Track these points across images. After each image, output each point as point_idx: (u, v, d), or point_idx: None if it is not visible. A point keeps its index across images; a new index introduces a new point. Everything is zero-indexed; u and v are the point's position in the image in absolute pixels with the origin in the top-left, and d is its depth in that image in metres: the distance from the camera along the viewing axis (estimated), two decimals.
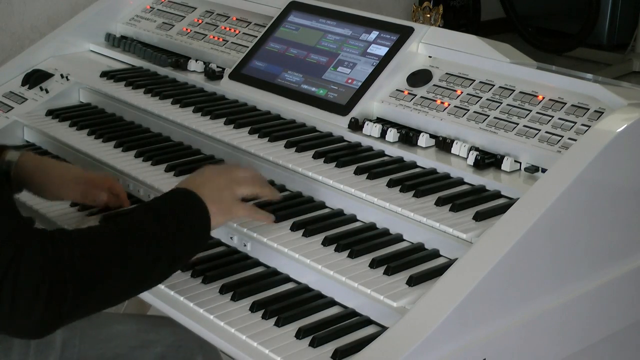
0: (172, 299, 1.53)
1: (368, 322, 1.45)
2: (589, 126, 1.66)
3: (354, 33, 2.10)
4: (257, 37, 2.28)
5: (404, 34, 2.02)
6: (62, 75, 2.38)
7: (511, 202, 1.58)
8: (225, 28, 2.42)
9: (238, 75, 2.20)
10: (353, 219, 1.69)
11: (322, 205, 1.74)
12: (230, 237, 1.68)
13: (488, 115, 1.80)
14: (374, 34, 2.06)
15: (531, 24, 6.07)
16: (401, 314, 1.36)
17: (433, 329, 1.29)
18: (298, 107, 2.03)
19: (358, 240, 1.59)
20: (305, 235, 1.61)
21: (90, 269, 1.31)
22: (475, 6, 5.77)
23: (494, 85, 1.86)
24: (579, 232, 1.52)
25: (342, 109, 1.96)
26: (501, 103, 1.81)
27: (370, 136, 1.89)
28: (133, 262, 1.37)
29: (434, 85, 1.93)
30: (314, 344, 1.38)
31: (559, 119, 1.72)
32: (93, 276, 1.32)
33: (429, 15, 2.18)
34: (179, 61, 2.35)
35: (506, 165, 1.70)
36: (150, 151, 1.97)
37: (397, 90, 1.96)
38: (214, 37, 2.41)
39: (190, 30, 2.47)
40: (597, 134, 1.55)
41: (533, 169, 1.69)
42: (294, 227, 1.63)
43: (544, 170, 1.67)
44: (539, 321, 1.47)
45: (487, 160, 1.73)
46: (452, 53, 1.96)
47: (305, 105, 2.03)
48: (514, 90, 1.82)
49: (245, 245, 1.66)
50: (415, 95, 1.93)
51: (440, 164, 1.76)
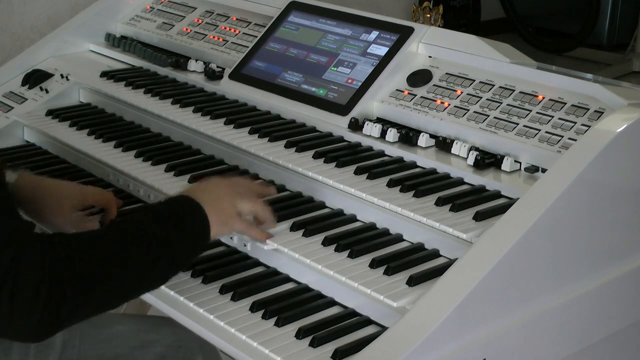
0: (172, 299, 1.53)
1: (368, 322, 1.45)
2: (589, 126, 1.66)
3: (354, 33, 2.10)
4: (257, 37, 2.27)
5: (404, 34, 2.02)
6: (62, 75, 2.38)
7: (511, 202, 1.58)
8: (225, 28, 2.42)
9: (238, 75, 2.20)
10: (353, 219, 1.69)
11: (322, 205, 1.74)
12: (230, 237, 1.68)
13: (488, 115, 1.80)
14: (374, 34, 2.06)
15: (531, 24, 6.07)
16: (401, 314, 1.36)
17: (433, 329, 1.29)
18: (298, 107, 2.03)
19: (358, 240, 1.59)
20: (305, 235, 1.61)
21: (89, 272, 1.31)
22: (475, 6, 5.77)
23: (494, 85, 1.86)
24: (579, 232, 1.52)
25: (342, 109, 1.96)
26: (501, 103, 1.81)
27: (370, 136, 1.89)
28: (132, 265, 1.37)
29: (434, 85, 1.93)
30: (314, 344, 1.38)
31: (559, 119, 1.72)
32: (92, 279, 1.31)
33: (429, 15, 2.18)
34: (179, 61, 2.35)
35: (506, 165, 1.70)
36: (150, 151, 1.97)
37: (397, 90, 1.96)
38: (214, 37, 2.40)
39: (190, 30, 2.47)
40: (597, 134, 1.55)
41: (533, 169, 1.69)
42: (294, 227, 1.63)
43: (544, 170, 1.67)
44: (539, 321, 1.47)
45: (487, 160, 1.73)
46: (452, 53, 1.96)
47: (305, 105, 2.02)
48: (514, 90, 1.82)
49: (245, 245, 1.66)
50: (415, 95, 1.93)
51: (440, 164, 1.76)
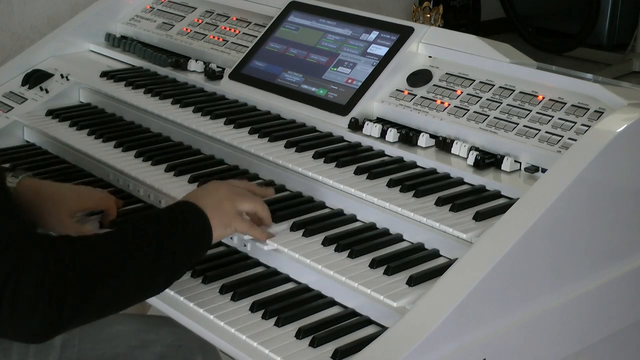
0: (172, 299, 1.53)
1: (368, 322, 1.45)
2: (589, 126, 1.66)
3: (354, 33, 2.10)
4: (257, 37, 2.27)
5: (404, 34, 2.02)
6: (62, 75, 2.38)
7: (511, 202, 1.58)
8: (225, 28, 2.42)
9: (238, 75, 2.20)
10: (353, 219, 1.69)
11: (322, 205, 1.74)
12: (230, 237, 1.67)
13: (488, 115, 1.80)
14: (374, 34, 2.06)
15: (531, 24, 6.07)
16: (401, 314, 1.36)
17: (433, 329, 1.29)
18: (298, 107, 2.03)
19: (358, 240, 1.59)
20: (305, 235, 1.61)
21: (92, 275, 1.32)
22: (475, 6, 5.77)
23: (494, 85, 1.86)
24: (579, 232, 1.52)
25: (342, 109, 1.96)
26: (501, 103, 1.81)
27: (370, 136, 1.89)
28: (135, 270, 1.38)
29: (434, 85, 1.93)
30: (314, 344, 1.38)
31: (559, 119, 1.72)
32: (95, 282, 1.32)
33: (429, 15, 2.18)
34: (179, 61, 2.35)
35: (506, 165, 1.70)
36: (150, 151, 1.97)
37: (397, 90, 1.96)
38: (214, 37, 2.40)
39: (190, 30, 2.47)
40: (597, 134, 1.55)
41: (533, 169, 1.69)
42: (294, 227, 1.63)
43: (544, 170, 1.67)
44: (539, 321, 1.47)
45: (487, 160, 1.73)
46: (452, 53, 1.96)
47: (305, 105, 2.02)
48: (514, 90, 1.82)
49: (245, 245, 1.66)
50: (415, 95, 1.93)
51: (440, 164, 1.76)
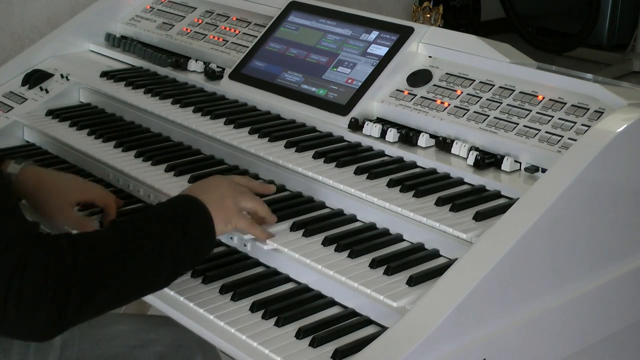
0: (172, 299, 1.53)
1: (368, 322, 1.45)
2: (589, 126, 1.66)
3: (354, 33, 2.10)
4: (257, 37, 2.27)
5: (404, 34, 2.02)
6: (62, 75, 2.38)
7: (511, 202, 1.58)
8: (225, 28, 2.42)
9: (238, 75, 2.20)
10: (353, 219, 1.69)
11: (322, 205, 1.74)
12: (230, 237, 1.68)
13: (488, 115, 1.80)
14: (374, 34, 2.06)
15: (531, 24, 6.07)
16: (401, 314, 1.36)
17: (433, 329, 1.29)
18: (298, 107, 2.03)
19: (358, 240, 1.59)
20: (305, 235, 1.61)
21: (94, 272, 1.32)
22: (475, 6, 5.77)
23: (494, 85, 1.86)
24: (579, 232, 1.52)
25: (342, 109, 1.96)
26: (501, 103, 1.81)
27: (370, 136, 1.89)
28: (137, 266, 1.38)
29: (434, 85, 1.93)
30: (314, 344, 1.38)
31: (559, 119, 1.72)
32: (98, 280, 1.32)
33: (429, 15, 2.18)
34: (179, 61, 2.35)
35: (506, 165, 1.70)
36: (150, 151, 1.97)
37: (397, 90, 1.96)
38: (214, 37, 2.40)
39: (190, 30, 2.47)
40: (597, 134, 1.55)
41: (533, 169, 1.69)
42: (294, 227, 1.63)
43: (544, 170, 1.67)
44: (539, 321, 1.47)
45: (487, 160, 1.73)
46: (452, 53, 1.96)
47: (305, 105, 2.02)
48: (514, 90, 1.82)
49: (245, 245, 1.66)
50: (415, 95, 1.93)
51: (440, 164, 1.76)
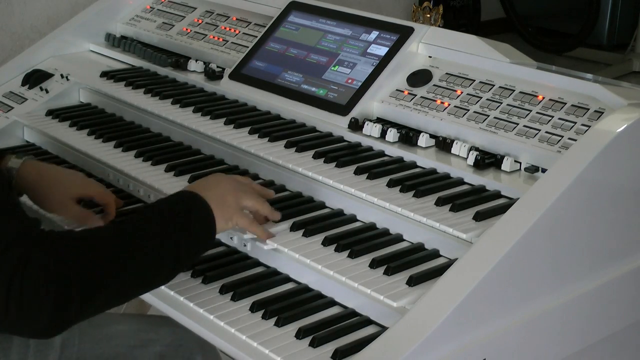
0: (172, 299, 1.53)
1: (368, 322, 1.45)
2: (589, 126, 1.66)
3: (354, 33, 2.10)
4: (257, 37, 2.27)
5: (404, 34, 2.02)
6: (62, 75, 2.38)
7: (511, 202, 1.58)
8: (225, 28, 2.42)
9: (238, 75, 2.20)
10: (353, 219, 1.69)
11: (322, 205, 1.74)
12: (230, 237, 1.68)
13: (488, 115, 1.80)
14: (374, 34, 2.06)
15: (531, 24, 6.07)
16: (401, 314, 1.36)
17: (433, 329, 1.29)
18: (298, 107, 2.03)
19: (358, 240, 1.59)
20: (305, 235, 1.61)
21: (96, 269, 1.32)
22: (475, 6, 5.76)
23: (494, 85, 1.86)
24: (579, 232, 1.52)
25: (342, 109, 1.96)
26: (501, 103, 1.81)
27: (370, 136, 1.89)
28: (137, 263, 1.38)
29: (434, 85, 1.93)
30: (314, 344, 1.38)
31: (559, 119, 1.72)
32: (100, 276, 1.33)
33: (429, 15, 2.18)
34: (179, 61, 2.35)
35: (506, 165, 1.70)
36: (150, 151, 1.97)
37: (397, 90, 1.96)
38: (214, 37, 2.40)
39: (190, 30, 2.47)
40: (597, 134, 1.55)
41: (533, 169, 1.69)
42: (294, 227, 1.63)
43: (544, 170, 1.67)
44: (539, 321, 1.47)
45: (487, 160, 1.73)
46: (452, 53, 1.96)
47: (305, 105, 2.02)
48: (514, 90, 1.82)
49: (245, 245, 1.66)
50: (415, 95, 1.93)
51: (440, 164, 1.76)
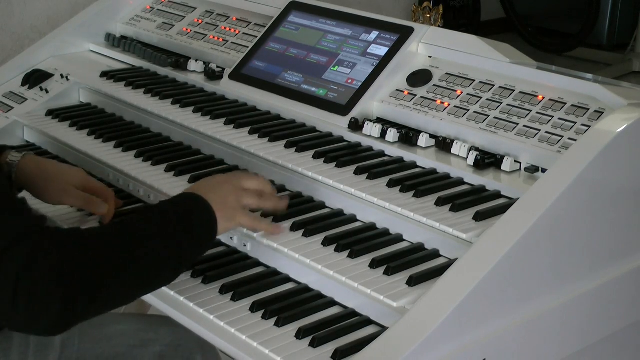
0: (172, 299, 1.53)
1: (368, 322, 1.45)
2: (589, 126, 1.66)
3: (354, 33, 2.10)
4: (257, 37, 2.27)
5: (404, 34, 2.02)
6: (62, 75, 2.38)
7: (511, 202, 1.58)
8: (225, 28, 2.42)
9: (238, 75, 2.20)
10: (353, 219, 1.69)
11: (322, 206, 1.74)
12: (230, 237, 1.68)
13: (488, 115, 1.80)
14: (374, 34, 2.06)
15: (531, 24, 6.07)
16: (401, 314, 1.36)
17: (433, 329, 1.29)
18: (298, 107, 2.03)
19: (358, 240, 1.59)
20: (305, 235, 1.61)
21: (103, 267, 1.33)
22: (475, 6, 5.76)
23: (494, 85, 1.86)
24: (579, 232, 1.52)
25: (342, 109, 1.96)
26: (501, 103, 1.81)
27: (370, 136, 1.89)
28: (142, 261, 1.39)
29: (434, 85, 1.93)
30: (314, 344, 1.38)
31: (559, 119, 1.72)
32: (106, 274, 1.33)
33: (429, 16, 2.18)
34: (179, 61, 2.35)
35: (506, 165, 1.70)
36: (150, 151, 1.97)
37: (397, 90, 1.96)
38: (214, 37, 2.40)
39: (190, 30, 2.47)
40: (597, 134, 1.55)
41: (533, 169, 1.69)
42: (294, 227, 1.63)
43: (544, 170, 1.67)
44: (539, 321, 1.47)
45: (487, 160, 1.73)
46: (452, 53, 1.96)
47: (305, 105, 2.02)
48: (514, 90, 1.82)
49: (245, 245, 1.66)
50: (415, 95, 1.93)
51: (440, 164, 1.76)
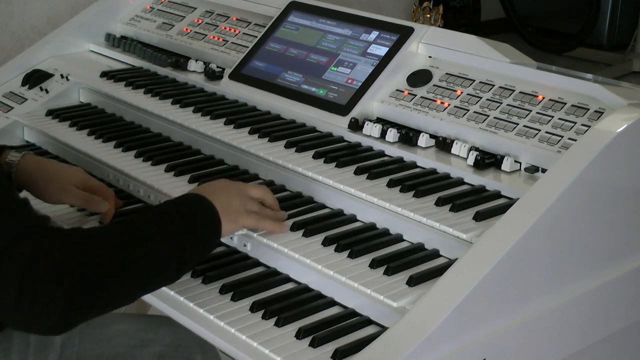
0: (172, 299, 1.53)
1: (368, 322, 1.45)
2: (589, 126, 1.66)
3: (354, 33, 2.10)
4: (257, 37, 2.27)
5: (404, 34, 2.02)
6: (62, 75, 2.38)
7: (511, 202, 1.58)
8: (225, 28, 2.42)
9: (238, 75, 2.20)
10: (353, 219, 1.69)
11: (322, 206, 1.74)
12: (231, 237, 1.67)
13: (488, 115, 1.80)
14: (374, 34, 2.06)
15: (531, 24, 6.07)
16: (401, 314, 1.36)
17: (433, 329, 1.29)
18: (298, 107, 2.03)
19: (358, 240, 1.59)
20: (305, 235, 1.61)
21: (107, 266, 1.33)
22: (475, 6, 5.76)
23: (494, 86, 1.86)
24: (579, 232, 1.52)
25: (342, 109, 1.96)
26: (501, 103, 1.81)
27: (370, 136, 1.89)
28: (145, 260, 1.39)
29: (434, 85, 1.93)
30: (314, 344, 1.38)
31: (559, 119, 1.72)
32: (110, 273, 1.33)
33: (429, 16, 2.18)
34: (179, 61, 2.35)
35: (506, 165, 1.70)
36: (150, 151, 1.97)
37: (397, 90, 1.96)
38: (214, 37, 2.40)
39: (190, 30, 2.47)
40: (597, 134, 1.55)
41: (533, 169, 1.69)
42: (294, 227, 1.63)
43: (544, 170, 1.67)
44: (539, 321, 1.47)
45: (487, 160, 1.73)
46: (452, 53, 1.96)
47: (305, 105, 2.02)
48: (514, 90, 1.82)
49: (245, 245, 1.66)
50: (415, 95, 1.93)
51: (440, 164, 1.76)
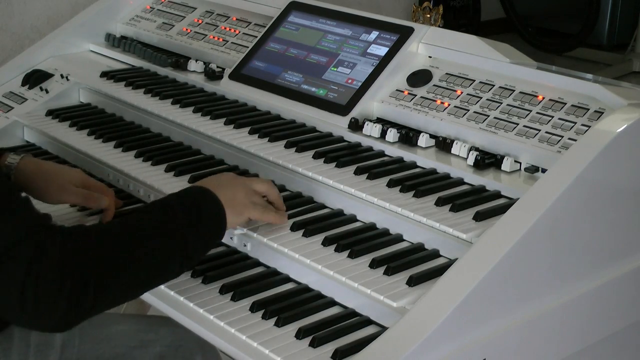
0: (172, 299, 1.53)
1: (368, 322, 1.45)
2: (589, 126, 1.66)
3: (354, 33, 2.10)
4: (257, 37, 2.27)
5: (404, 34, 2.02)
6: (62, 75, 2.38)
7: (511, 202, 1.58)
8: (225, 28, 2.42)
9: (238, 75, 2.20)
10: (353, 219, 1.69)
11: (322, 206, 1.74)
12: (230, 237, 1.68)
13: (488, 116, 1.80)
14: (374, 34, 2.06)
15: (531, 24, 6.07)
16: (401, 314, 1.36)
17: (433, 329, 1.29)
18: (298, 107, 2.03)
19: (358, 240, 1.59)
20: (305, 235, 1.61)
21: (109, 263, 1.33)
22: (475, 6, 5.77)
23: (494, 86, 1.86)
24: (579, 232, 1.52)
25: (342, 109, 1.96)
26: (501, 103, 1.81)
27: (370, 136, 1.89)
28: (148, 256, 1.39)
29: (434, 85, 1.93)
30: (314, 344, 1.38)
31: (559, 119, 1.72)
32: (112, 270, 1.34)
33: (429, 16, 2.18)
34: (179, 61, 2.35)
35: (506, 165, 1.70)
36: (150, 151, 1.97)
37: (397, 90, 1.96)
38: (214, 37, 2.40)
39: (190, 30, 2.47)
40: (597, 134, 1.55)
41: (533, 169, 1.69)
42: (294, 227, 1.63)
43: (544, 170, 1.67)
44: (539, 321, 1.47)
45: (487, 160, 1.73)
46: (452, 53, 1.96)
47: (305, 105, 2.02)
48: (514, 90, 1.82)
49: (245, 245, 1.66)
50: (415, 95, 1.93)
51: (440, 164, 1.76)
